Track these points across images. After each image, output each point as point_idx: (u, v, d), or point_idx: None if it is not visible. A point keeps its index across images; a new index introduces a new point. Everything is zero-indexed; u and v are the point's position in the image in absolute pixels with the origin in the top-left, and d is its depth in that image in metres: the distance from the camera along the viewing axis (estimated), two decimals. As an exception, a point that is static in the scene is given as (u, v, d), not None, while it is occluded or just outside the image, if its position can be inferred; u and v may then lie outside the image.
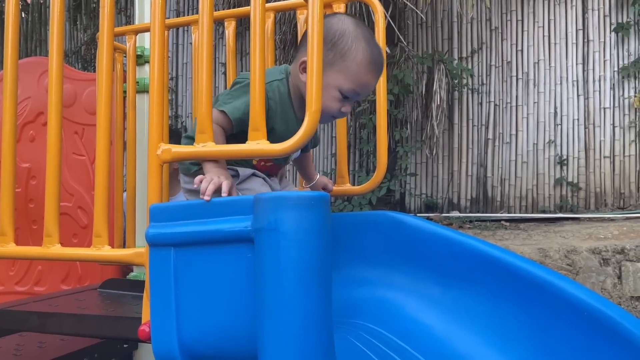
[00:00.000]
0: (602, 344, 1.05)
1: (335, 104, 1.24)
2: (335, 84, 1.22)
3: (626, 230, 3.57)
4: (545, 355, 1.15)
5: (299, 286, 0.87)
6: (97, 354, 1.72)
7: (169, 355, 1.01)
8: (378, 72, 1.25)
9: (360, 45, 1.21)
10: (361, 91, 1.24)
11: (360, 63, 1.21)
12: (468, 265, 1.35)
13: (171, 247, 1.00)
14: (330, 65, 1.21)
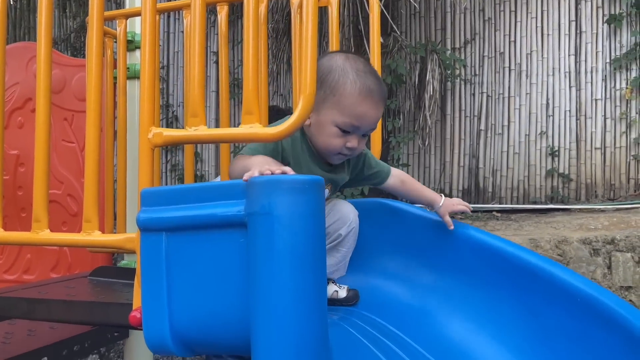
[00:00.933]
0: (596, 330, 1.06)
1: (336, 141, 1.23)
2: (329, 120, 1.22)
3: (616, 221, 3.60)
4: (539, 341, 1.15)
5: (293, 270, 0.86)
6: (87, 342, 1.70)
7: (161, 341, 0.99)
8: (373, 100, 1.22)
9: (348, 78, 1.21)
10: (360, 123, 1.22)
11: (350, 95, 1.20)
12: (461, 253, 1.35)
13: (163, 231, 0.99)
14: (323, 103, 1.22)
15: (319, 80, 1.21)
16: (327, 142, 1.23)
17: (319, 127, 1.24)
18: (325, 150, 1.26)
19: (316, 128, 1.25)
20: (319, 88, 1.21)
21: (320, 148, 1.26)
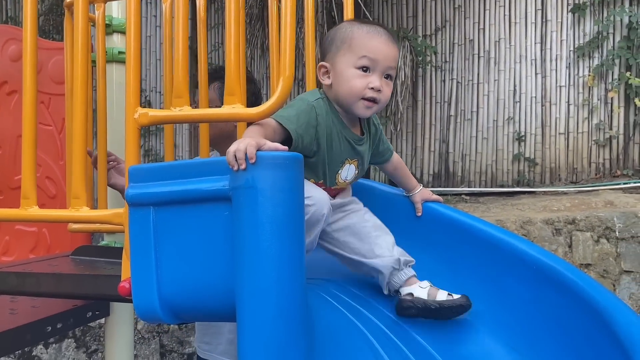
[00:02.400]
0: (550, 293, 1.16)
1: (358, 82, 1.26)
2: (346, 65, 1.27)
3: (577, 202, 3.77)
4: (500, 306, 1.26)
5: (274, 239, 0.93)
6: (70, 320, 1.75)
7: (150, 309, 1.06)
8: (382, 37, 1.28)
9: (355, 26, 1.31)
10: (375, 56, 1.26)
11: (359, 36, 1.28)
12: (431, 228, 1.44)
13: (150, 206, 1.05)
14: (336, 56, 1.29)
15: (330, 42, 1.32)
16: (350, 87, 1.27)
17: (338, 78, 1.29)
18: (350, 97, 1.28)
19: (336, 81, 1.29)
20: (330, 47, 1.31)
21: (345, 99, 1.29)
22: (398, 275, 1.27)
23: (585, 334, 1.04)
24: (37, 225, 2.09)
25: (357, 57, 1.26)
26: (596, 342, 1.00)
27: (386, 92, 1.30)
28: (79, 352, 3.74)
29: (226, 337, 1.86)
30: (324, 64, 1.32)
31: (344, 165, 1.35)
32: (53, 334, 1.72)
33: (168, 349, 3.65)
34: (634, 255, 3.11)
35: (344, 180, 1.38)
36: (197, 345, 2.00)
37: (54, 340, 3.80)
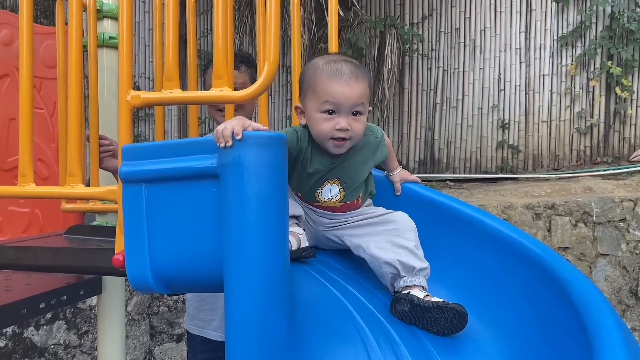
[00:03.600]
0: (518, 267, 1.24)
1: (325, 125, 1.32)
2: (313, 109, 1.33)
3: (558, 188, 3.88)
4: (472, 280, 1.34)
5: (259, 213, 1.00)
6: (63, 296, 1.81)
7: (143, 280, 1.12)
8: (343, 79, 1.31)
9: (318, 68, 1.34)
10: (336, 100, 1.30)
11: (321, 81, 1.32)
12: (408, 207, 1.52)
13: (143, 183, 1.11)
14: (305, 99, 1.36)
15: (301, 83, 1.38)
16: (318, 130, 1.33)
17: (310, 121, 1.35)
18: (320, 138, 1.34)
19: (308, 122, 1.36)
20: (302, 88, 1.38)
21: (317, 139, 1.36)
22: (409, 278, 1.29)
23: (546, 302, 1.12)
24: (30, 206, 2.13)
25: (320, 102, 1.32)
26: (556, 309, 1.08)
27: (355, 128, 1.33)
28: (69, 333, 3.80)
29: (220, 312, 1.92)
30: (298, 106, 1.40)
31: (324, 186, 1.42)
32: (47, 310, 1.78)
33: (158, 330, 3.72)
34: (609, 238, 3.23)
35: (327, 199, 1.43)
36: (190, 323, 2.06)
37: (44, 322, 3.86)
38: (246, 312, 0.99)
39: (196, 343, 2.03)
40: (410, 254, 1.30)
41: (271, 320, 0.99)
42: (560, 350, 1.02)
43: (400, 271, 1.29)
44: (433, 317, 1.20)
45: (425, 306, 1.21)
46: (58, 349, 3.81)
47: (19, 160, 1.18)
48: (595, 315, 0.95)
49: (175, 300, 3.71)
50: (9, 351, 3.85)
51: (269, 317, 0.99)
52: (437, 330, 1.20)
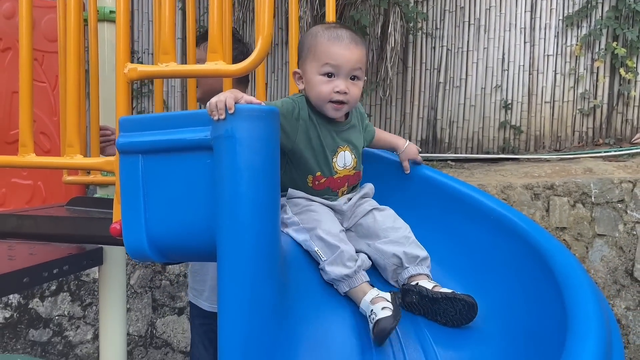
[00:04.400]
0: (505, 241, 1.28)
1: (324, 87, 1.35)
2: (313, 72, 1.36)
3: (558, 169, 3.89)
4: (462, 253, 1.37)
5: (251, 184, 1.03)
6: (65, 266, 1.85)
7: (139, 248, 1.16)
8: (343, 42, 1.35)
9: (318, 33, 1.38)
10: (336, 62, 1.34)
11: (320, 44, 1.36)
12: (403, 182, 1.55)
13: (139, 154, 1.14)
14: (304, 63, 1.39)
15: (301, 49, 1.41)
16: (317, 92, 1.36)
17: (308, 84, 1.38)
18: (319, 101, 1.37)
19: (307, 86, 1.39)
20: (301, 54, 1.40)
21: (316, 103, 1.39)
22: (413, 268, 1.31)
23: (531, 274, 1.16)
24: (32, 179, 2.17)
25: (320, 64, 1.35)
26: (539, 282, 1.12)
27: (353, 92, 1.37)
28: (74, 305, 3.88)
29: (209, 284, 2.00)
30: (297, 71, 1.42)
31: (338, 154, 1.43)
32: (49, 279, 1.83)
33: (160, 303, 3.79)
34: (607, 219, 3.25)
35: (343, 167, 1.44)
36: (189, 290, 2.18)
37: (49, 293, 3.94)
38: (238, 279, 1.02)
39: (193, 310, 2.16)
40: (413, 243, 1.33)
41: (261, 287, 1.02)
42: (542, 320, 1.06)
43: (403, 261, 1.30)
44: (442, 309, 1.19)
45: (434, 297, 1.20)
46: (62, 320, 3.89)
47: (20, 130, 1.21)
48: (574, 288, 0.98)
49: (177, 274, 3.78)
50: (14, 322, 3.94)
51: (260, 284, 1.02)
52: (446, 322, 1.19)
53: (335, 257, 1.26)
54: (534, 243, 1.19)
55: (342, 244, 1.28)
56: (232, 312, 1.01)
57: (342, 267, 1.25)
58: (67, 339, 3.85)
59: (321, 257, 1.28)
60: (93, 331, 3.83)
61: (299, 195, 1.42)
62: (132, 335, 3.76)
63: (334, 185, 1.44)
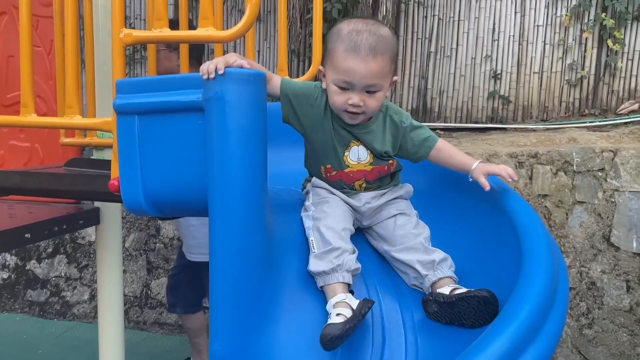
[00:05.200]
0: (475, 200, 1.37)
1: (338, 98, 1.33)
2: (330, 80, 1.34)
3: (543, 139, 3.98)
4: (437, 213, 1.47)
5: (239, 143, 1.11)
6: (64, 225, 1.94)
7: (136, 203, 1.25)
8: (359, 55, 1.27)
9: (339, 38, 1.31)
10: (350, 78, 1.29)
11: (338, 53, 1.30)
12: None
13: (135, 115, 1.22)
14: (326, 66, 1.36)
15: (324, 48, 1.38)
16: (332, 100, 1.34)
17: (327, 89, 1.36)
18: (335, 108, 1.36)
19: (327, 90, 1.36)
20: (324, 54, 1.38)
21: (332, 108, 1.37)
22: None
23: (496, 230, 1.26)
24: (30, 141, 2.24)
25: (336, 75, 1.31)
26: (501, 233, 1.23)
27: (369, 104, 1.33)
28: (70, 266, 3.99)
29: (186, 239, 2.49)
30: (321, 69, 1.41)
31: (351, 148, 1.41)
32: (49, 236, 1.92)
33: (154, 266, 3.91)
34: (587, 187, 3.36)
35: (357, 162, 1.42)
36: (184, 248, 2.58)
37: (46, 255, 4.04)
38: (227, 230, 1.12)
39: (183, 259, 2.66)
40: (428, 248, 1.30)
41: (249, 237, 1.12)
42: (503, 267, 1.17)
43: (420, 271, 1.27)
44: (462, 311, 1.16)
45: (450, 302, 1.17)
46: (59, 281, 4.01)
47: (21, 91, 1.27)
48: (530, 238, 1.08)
49: (171, 237, 3.88)
50: (12, 282, 4.05)
51: (247, 235, 1.12)
52: (472, 324, 1.14)
53: (323, 252, 1.28)
54: (502, 203, 1.29)
55: (337, 241, 1.28)
56: (222, 260, 1.11)
57: (323, 263, 1.26)
58: (65, 299, 3.97)
59: (313, 248, 1.30)
60: (89, 292, 3.95)
61: (321, 185, 1.44)
62: (127, 296, 3.89)
63: (347, 179, 1.43)
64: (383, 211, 1.44)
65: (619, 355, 3.05)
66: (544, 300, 0.87)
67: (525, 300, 0.87)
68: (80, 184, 1.42)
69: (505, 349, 0.79)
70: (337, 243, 1.29)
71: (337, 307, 1.18)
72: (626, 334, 3.07)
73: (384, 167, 1.45)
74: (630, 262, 3.15)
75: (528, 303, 0.86)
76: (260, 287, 1.16)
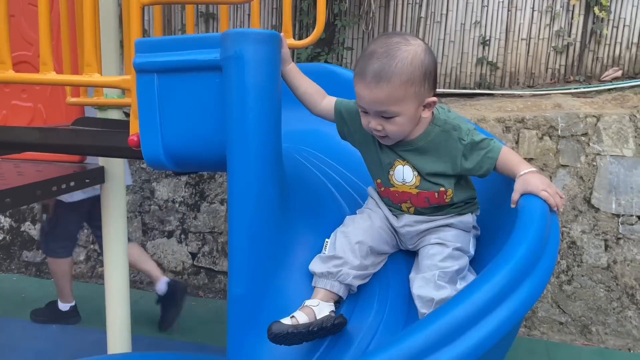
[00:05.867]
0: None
1: (363, 120, 1.31)
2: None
3: (530, 104, 4.09)
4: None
5: (257, 99, 1.18)
6: (72, 182, 2.00)
7: (156, 157, 1.31)
8: (364, 81, 1.22)
9: (359, 59, 1.28)
10: (362, 103, 1.26)
11: (355, 75, 1.27)
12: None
13: (154, 73, 1.27)
14: None
15: None
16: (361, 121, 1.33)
17: None
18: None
19: None
20: None
21: None
22: None
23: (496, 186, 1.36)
24: (33, 101, 2.27)
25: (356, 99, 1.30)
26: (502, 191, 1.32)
27: (390, 129, 1.26)
28: (65, 228, 4.05)
29: None
30: None
31: (395, 167, 1.34)
32: (58, 193, 1.98)
33: (149, 227, 3.98)
34: (571, 151, 3.49)
35: (402, 183, 1.34)
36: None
37: (40, 217, 4.08)
38: (246, 181, 1.20)
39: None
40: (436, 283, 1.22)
41: (267, 187, 1.20)
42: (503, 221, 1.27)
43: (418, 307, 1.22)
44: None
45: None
46: (55, 242, 4.06)
47: (40, 50, 1.32)
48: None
49: (165, 200, 3.94)
50: (7, 244, 4.10)
51: (264, 182, 1.20)
52: None
53: (327, 257, 1.29)
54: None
55: (344, 252, 1.28)
56: (241, 209, 1.19)
57: (321, 266, 1.28)
58: (61, 260, 4.03)
59: (324, 248, 1.31)
60: (85, 253, 4.02)
61: (373, 195, 1.44)
62: (123, 256, 3.96)
63: (393, 198, 1.37)
64: (426, 237, 1.36)
65: (595, 309, 3.23)
66: (539, 241, 0.97)
67: (523, 238, 0.97)
68: (101, 140, 1.48)
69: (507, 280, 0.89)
70: (342, 253, 1.29)
71: (302, 309, 1.20)
72: (603, 289, 3.25)
73: (433, 195, 1.34)
74: (609, 222, 3.32)
75: (526, 241, 0.96)
76: (277, 235, 1.24)
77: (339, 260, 1.28)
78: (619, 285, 3.25)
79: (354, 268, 1.28)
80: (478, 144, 1.29)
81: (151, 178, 3.99)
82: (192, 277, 3.91)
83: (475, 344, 0.83)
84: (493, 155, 1.29)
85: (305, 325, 1.15)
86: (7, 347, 2.87)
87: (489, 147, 1.29)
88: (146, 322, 3.19)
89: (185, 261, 3.91)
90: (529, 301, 0.90)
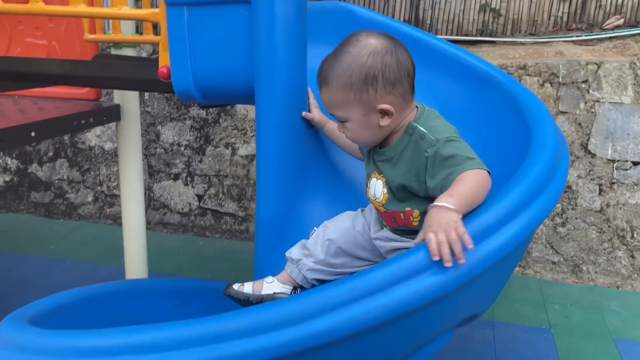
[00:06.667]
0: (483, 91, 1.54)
1: None
2: None
3: (532, 52, 4.12)
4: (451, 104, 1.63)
5: (285, 31, 1.24)
6: (91, 119, 2.06)
7: (186, 89, 1.38)
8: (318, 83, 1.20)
9: None
10: None
11: None
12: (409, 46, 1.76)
13: (184, 5, 1.32)
14: None
15: None
16: None
17: None
18: None
19: None
20: None
21: None
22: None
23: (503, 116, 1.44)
24: (47, 38, 2.29)
25: None
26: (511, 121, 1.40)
27: (346, 132, 1.21)
28: (72, 170, 4.12)
29: None
30: None
31: (371, 179, 1.26)
32: (77, 129, 2.05)
33: (156, 170, 4.06)
34: (570, 98, 3.56)
35: (373, 197, 1.25)
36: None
37: (47, 159, 4.14)
38: (274, 108, 1.27)
39: None
40: None
41: (293, 114, 1.28)
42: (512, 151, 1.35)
43: None
44: None
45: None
46: (62, 184, 4.14)
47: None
48: (536, 120, 1.26)
49: (171, 143, 4.01)
50: (15, 185, 4.18)
51: (291, 112, 1.28)
52: None
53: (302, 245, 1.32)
54: (509, 92, 1.45)
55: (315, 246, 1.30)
56: (269, 135, 1.27)
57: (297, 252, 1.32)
58: (69, 201, 4.13)
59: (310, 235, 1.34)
60: (93, 194, 4.11)
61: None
62: (130, 198, 4.06)
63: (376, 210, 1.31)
64: (391, 253, 1.28)
65: (587, 250, 3.39)
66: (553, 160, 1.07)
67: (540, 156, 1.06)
68: (131, 72, 1.52)
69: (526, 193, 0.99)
70: (312, 246, 1.31)
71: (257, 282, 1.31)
72: (595, 231, 3.40)
73: (399, 215, 1.21)
74: (604, 167, 3.43)
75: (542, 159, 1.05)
76: (301, 165, 1.33)
77: (307, 251, 1.31)
78: (611, 227, 3.39)
79: (316, 262, 1.29)
80: (444, 161, 1.09)
81: (156, 121, 4.03)
82: (198, 218, 4.02)
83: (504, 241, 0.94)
84: (452, 178, 1.07)
85: (245, 295, 1.28)
86: (24, 282, 2.98)
87: (454, 168, 1.07)
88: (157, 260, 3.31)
89: (192, 203, 4.01)
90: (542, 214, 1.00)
